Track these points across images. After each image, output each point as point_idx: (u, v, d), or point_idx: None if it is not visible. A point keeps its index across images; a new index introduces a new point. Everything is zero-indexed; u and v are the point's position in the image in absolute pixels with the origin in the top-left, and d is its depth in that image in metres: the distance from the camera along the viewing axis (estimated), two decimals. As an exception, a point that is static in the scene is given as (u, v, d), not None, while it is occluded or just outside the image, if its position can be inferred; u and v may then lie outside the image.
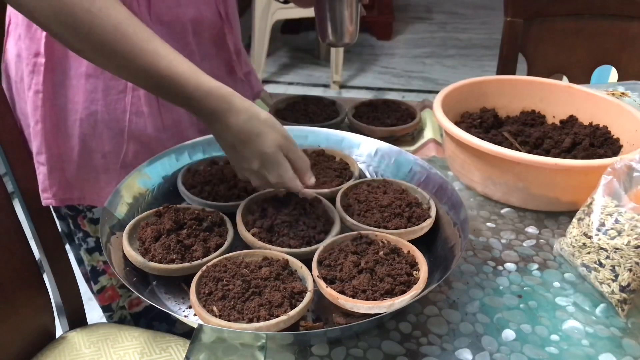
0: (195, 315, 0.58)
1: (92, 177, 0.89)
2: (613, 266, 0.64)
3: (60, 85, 0.84)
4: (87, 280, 1.06)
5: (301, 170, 0.70)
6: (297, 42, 3.61)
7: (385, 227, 0.69)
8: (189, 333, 1.00)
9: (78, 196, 0.91)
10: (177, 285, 0.65)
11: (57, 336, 0.95)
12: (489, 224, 0.79)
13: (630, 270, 0.62)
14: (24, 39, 0.83)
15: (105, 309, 1.06)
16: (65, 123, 0.85)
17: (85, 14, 0.62)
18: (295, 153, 0.69)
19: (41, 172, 0.87)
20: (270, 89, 3.04)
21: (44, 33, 0.80)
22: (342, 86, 3.12)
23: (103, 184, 0.89)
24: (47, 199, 0.89)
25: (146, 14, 0.82)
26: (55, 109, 0.85)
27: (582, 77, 1.41)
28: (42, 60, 0.82)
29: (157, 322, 1.08)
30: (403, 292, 0.59)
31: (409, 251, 0.65)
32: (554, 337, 0.62)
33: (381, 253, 0.64)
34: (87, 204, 0.93)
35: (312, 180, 0.71)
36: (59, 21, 0.63)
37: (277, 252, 0.64)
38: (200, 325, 0.60)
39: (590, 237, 0.66)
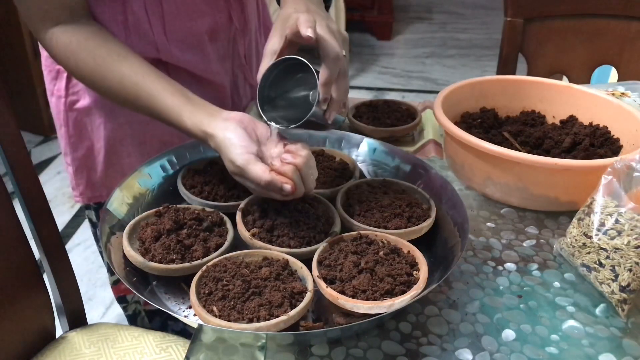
0: (195, 315, 0.58)
1: (118, 175, 0.93)
2: (613, 266, 0.64)
3: (83, 90, 0.86)
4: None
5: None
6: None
7: (385, 227, 0.69)
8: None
9: (107, 193, 0.95)
10: (177, 285, 0.65)
11: (57, 336, 0.95)
12: (489, 224, 0.79)
13: (630, 270, 0.62)
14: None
15: (120, 300, 1.07)
16: (91, 126, 0.88)
17: (92, 73, 0.74)
18: (248, 174, 0.66)
19: (69, 172, 0.91)
20: (270, 89, 3.03)
21: None
22: (342, 86, 3.11)
23: None
24: (75, 196, 0.92)
25: (161, 34, 0.83)
26: (79, 113, 0.88)
27: (582, 77, 1.41)
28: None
29: (172, 321, 1.09)
30: (403, 292, 0.59)
31: (409, 251, 0.65)
32: (554, 337, 0.62)
33: (381, 253, 0.64)
34: None
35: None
36: (76, 73, 0.76)
37: (277, 252, 0.64)
38: (200, 325, 0.60)
39: (590, 237, 0.66)
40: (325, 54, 0.67)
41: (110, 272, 1.06)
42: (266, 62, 0.70)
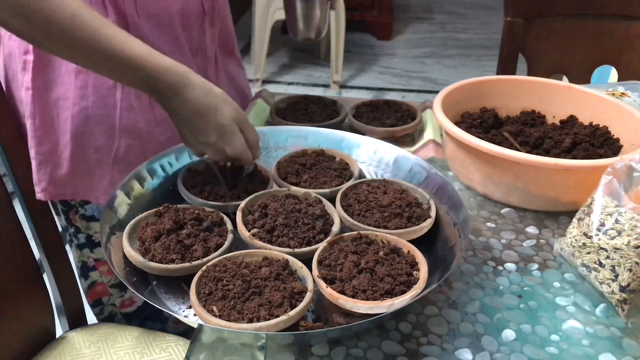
0: (195, 315, 0.58)
1: (85, 173, 0.90)
2: (613, 266, 0.64)
3: (51, 82, 0.85)
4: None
5: (253, 143, 0.74)
6: (297, 42, 3.61)
7: (385, 227, 0.69)
8: (182, 333, 1.00)
9: (72, 192, 0.92)
10: (177, 285, 0.65)
11: (57, 336, 0.95)
12: (489, 224, 0.79)
13: (630, 270, 0.62)
14: (14, 37, 0.84)
15: (95, 303, 1.06)
16: (58, 119, 0.86)
17: (41, 6, 0.64)
18: (248, 126, 0.74)
19: (34, 166, 0.88)
20: (270, 89, 3.03)
21: None
22: (342, 86, 3.12)
23: (96, 179, 0.90)
24: (37, 192, 0.90)
25: (132, 7, 0.82)
26: (46, 106, 0.86)
27: (582, 77, 1.41)
28: (30, 58, 0.83)
29: (150, 321, 1.08)
30: (403, 292, 0.59)
31: (409, 251, 0.65)
32: (554, 337, 0.62)
33: (381, 253, 0.64)
34: (81, 199, 0.93)
35: (260, 153, 0.78)
36: (15, 15, 0.64)
37: (277, 252, 0.64)
38: (200, 325, 0.60)
39: (590, 237, 0.66)
40: None
41: (84, 276, 1.04)
42: None
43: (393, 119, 0.99)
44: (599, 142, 0.85)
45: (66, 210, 0.97)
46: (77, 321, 0.99)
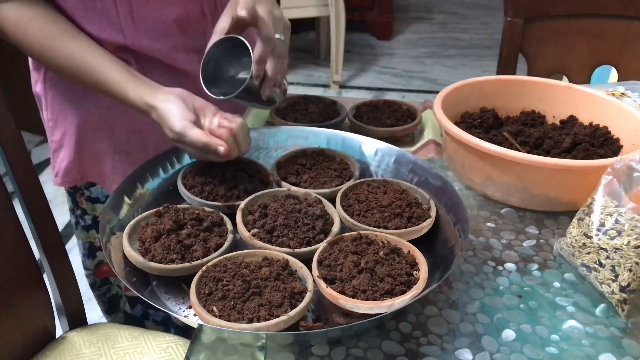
0: (195, 315, 0.58)
1: (89, 162, 0.95)
2: (613, 266, 0.64)
3: (57, 76, 0.88)
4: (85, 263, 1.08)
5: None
6: (297, 42, 3.62)
7: (385, 227, 0.69)
8: (185, 329, 1.00)
9: (81, 177, 0.98)
10: (177, 285, 0.65)
11: (57, 336, 0.95)
12: (489, 224, 0.79)
13: (630, 270, 0.62)
14: None
15: (103, 282, 1.07)
16: (64, 111, 0.90)
17: (51, 60, 0.79)
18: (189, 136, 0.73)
19: (51, 154, 0.96)
20: (270, 89, 3.04)
21: None
22: (342, 86, 3.12)
23: (102, 166, 0.96)
24: (54, 178, 0.97)
25: (129, 22, 0.83)
26: (56, 99, 0.90)
27: (582, 77, 1.41)
28: None
29: (153, 310, 1.09)
30: (403, 292, 0.59)
31: (409, 251, 0.65)
32: (554, 337, 0.62)
33: (381, 253, 0.64)
34: (88, 181, 0.99)
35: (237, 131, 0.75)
36: (25, 46, 0.78)
37: (277, 252, 0.64)
38: (200, 325, 0.60)
39: (590, 237, 0.66)
40: (259, 33, 0.75)
41: (92, 255, 1.06)
42: (214, 39, 0.77)
43: (393, 119, 0.99)
44: (599, 142, 0.85)
45: (72, 193, 1.00)
46: (77, 321, 0.99)
